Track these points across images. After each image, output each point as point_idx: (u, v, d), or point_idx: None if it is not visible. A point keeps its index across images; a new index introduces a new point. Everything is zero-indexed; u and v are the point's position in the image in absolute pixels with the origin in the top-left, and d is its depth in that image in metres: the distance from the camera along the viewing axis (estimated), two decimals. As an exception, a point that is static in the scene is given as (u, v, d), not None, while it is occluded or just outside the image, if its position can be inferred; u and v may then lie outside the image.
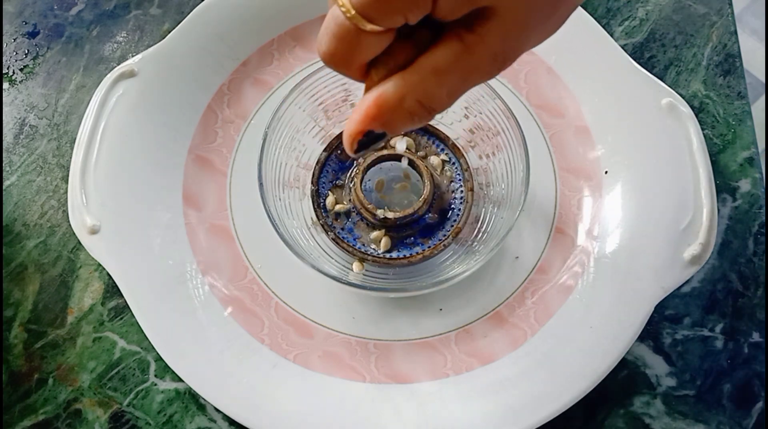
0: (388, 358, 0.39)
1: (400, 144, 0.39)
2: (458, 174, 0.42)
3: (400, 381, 0.39)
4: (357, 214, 0.41)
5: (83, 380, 0.40)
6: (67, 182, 0.41)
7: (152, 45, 0.44)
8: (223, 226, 0.42)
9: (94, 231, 0.39)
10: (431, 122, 0.42)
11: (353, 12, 0.21)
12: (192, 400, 0.39)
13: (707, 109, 0.46)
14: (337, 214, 0.41)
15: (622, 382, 0.40)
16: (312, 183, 0.42)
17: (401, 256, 0.40)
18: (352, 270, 0.40)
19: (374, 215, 0.40)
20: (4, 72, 0.48)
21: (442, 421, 0.37)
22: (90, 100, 0.42)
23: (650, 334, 0.40)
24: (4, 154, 0.45)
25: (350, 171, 0.42)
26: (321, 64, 0.40)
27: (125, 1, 0.50)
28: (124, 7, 0.50)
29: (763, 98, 1.04)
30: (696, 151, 0.40)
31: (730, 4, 0.49)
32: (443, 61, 0.22)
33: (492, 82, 0.40)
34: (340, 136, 0.42)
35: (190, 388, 0.38)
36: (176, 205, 0.42)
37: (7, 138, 0.46)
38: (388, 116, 0.23)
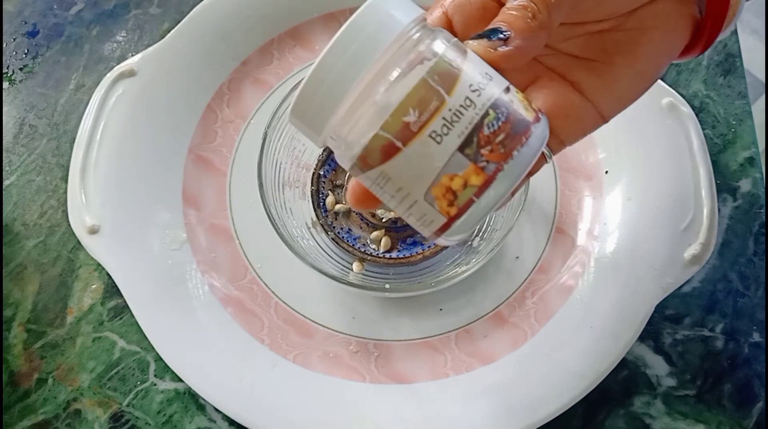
0: (388, 358, 0.39)
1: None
2: (458, 174, 0.42)
3: (400, 381, 0.39)
4: (357, 214, 0.41)
5: (83, 380, 0.40)
6: (66, 182, 0.41)
7: (152, 44, 0.44)
8: (223, 226, 0.42)
9: (93, 231, 0.39)
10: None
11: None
12: (192, 400, 0.39)
13: (708, 109, 0.46)
14: (337, 214, 0.41)
15: (622, 382, 0.39)
16: (312, 183, 0.41)
17: (401, 256, 0.40)
18: (352, 270, 0.40)
19: (374, 215, 0.40)
20: (3, 71, 0.48)
21: (442, 421, 0.37)
22: (89, 100, 0.42)
23: (650, 334, 0.40)
24: (4, 154, 0.45)
25: (350, 171, 0.42)
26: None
27: (125, 0, 0.50)
28: (123, 6, 0.50)
29: (763, 98, 1.04)
30: (696, 150, 0.40)
31: (731, 4, 0.49)
32: None
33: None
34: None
35: (190, 388, 0.38)
36: (176, 205, 0.42)
37: (7, 138, 0.46)
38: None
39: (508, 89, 0.22)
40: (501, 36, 0.22)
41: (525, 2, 0.23)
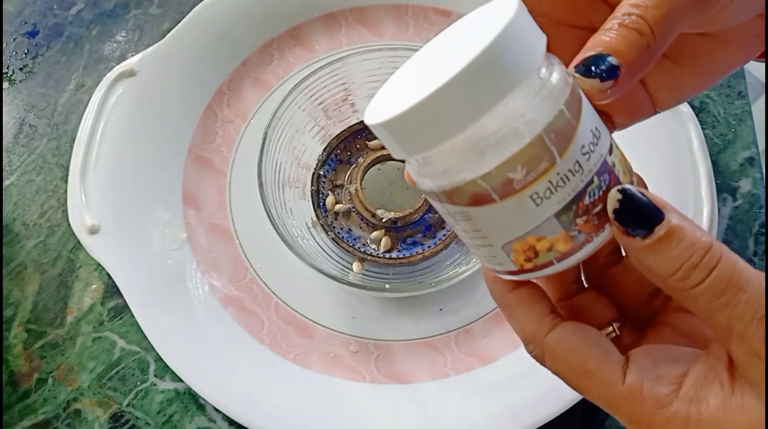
0: (388, 358, 0.39)
1: None
2: (458, 174, 0.42)
3: (400, 381, 0.39)
4: (357, 214, 0.41)
5: (83, 380, 0.40)
6: (66, 182, 0.41)
7: (152, 44, 0.44)
8: (223, 226, 0.42)
9: (93, 231, 0.39)
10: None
11: None
12: (192, 400, 0.39)
13: (708, 109, 0.46)
14: (337, 214, 0.41)
15: (622, 382, 0.39)
16: (312, 183, 0.41)
17: (401, 256, 0.40)
18: (352, 270, 0.40)
19: (374, 215, 0.40)
20: (4, 71, 0.48)
21: (442, 421, 0.37)
22: (89, 100, 0.42)
23: (650, 334, 0.40)
24: (4, 154, 0.45)
25: (350, 171, 0.42)
26: (320, 63, 0.40)
27: (125, 0, 0.50)
28: (123, 6, 0.50)
29: (763, 98, 1.04)
30: (696, 150, 0.40)
31: (731, 4, 0.49)
32: None
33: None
34: (340, 135, 0.42)
35: (190, 388, 0.38)
36: (176, 205, 0.42)
37: (7, 138, 0.46)
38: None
39: (611, 150, 0.20)
40: (611, 68, 0.19)
41: (640, 24, 0.19)
